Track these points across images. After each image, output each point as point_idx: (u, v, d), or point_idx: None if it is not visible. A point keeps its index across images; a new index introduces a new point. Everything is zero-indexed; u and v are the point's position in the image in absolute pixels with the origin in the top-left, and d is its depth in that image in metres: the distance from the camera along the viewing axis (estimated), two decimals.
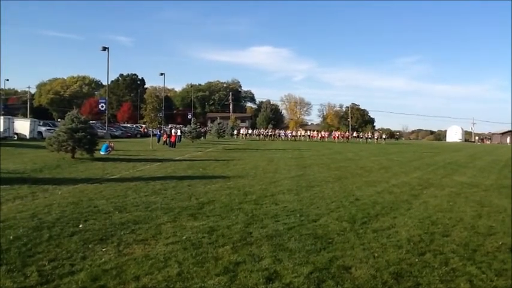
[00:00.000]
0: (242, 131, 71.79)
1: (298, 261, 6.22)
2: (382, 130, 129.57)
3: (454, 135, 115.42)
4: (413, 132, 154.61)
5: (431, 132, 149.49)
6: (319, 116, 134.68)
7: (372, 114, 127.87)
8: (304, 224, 8.62)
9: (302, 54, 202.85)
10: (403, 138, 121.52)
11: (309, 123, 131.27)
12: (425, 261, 6.45)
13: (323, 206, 10.59)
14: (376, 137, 73.51)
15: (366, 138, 74.82)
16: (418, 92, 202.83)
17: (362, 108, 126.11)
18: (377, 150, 41.35)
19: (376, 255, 6.67)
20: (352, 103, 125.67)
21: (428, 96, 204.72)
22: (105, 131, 48.96)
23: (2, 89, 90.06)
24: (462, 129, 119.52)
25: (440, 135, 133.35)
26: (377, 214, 9.81)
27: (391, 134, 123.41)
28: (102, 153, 23.80)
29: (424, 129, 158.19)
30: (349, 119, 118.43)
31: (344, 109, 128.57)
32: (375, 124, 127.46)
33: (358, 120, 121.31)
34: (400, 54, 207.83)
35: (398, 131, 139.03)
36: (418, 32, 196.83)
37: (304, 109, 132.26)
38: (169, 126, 53.23)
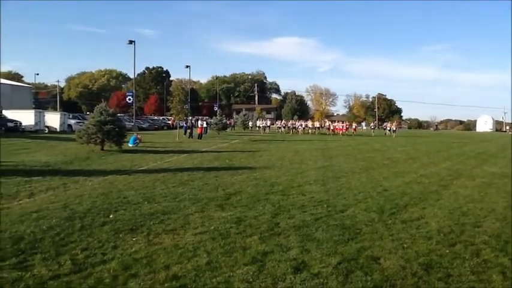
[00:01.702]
0: (259, 122, 59.98)
1: (326, 251, 6.21)
2: (410, 120, 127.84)
3: (484, 125, 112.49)
4: (441, 122, 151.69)
5: (461, 122, 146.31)
6: (345, 107, 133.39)
7: (399, 104, 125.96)
8: (332, 214, 8.59)
9: (328, 44, 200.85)
10: (431, 129, 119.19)
11: (335, 114, 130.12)
12: (455, 253, 6.35)
13: (350, 197, 10.52)
14: (388, 128, 59.64)
15: (372, 128, 65.87)
16: (446, 81, 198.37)
17: (389, 98, 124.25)
18: (404, 141, 40.73)
19: (405, 246, 6.61)
20: (379, 93, 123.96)
21: (457, 85, 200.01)
22: (132, 124, 49.63)
23: (33, 83, 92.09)
24: (493, 118, 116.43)
25: (470, 125, 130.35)
26: (406, 205, 9.70)
27: (419, 124, 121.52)
28: (130, 145, 24.16)
29: (453, 119, 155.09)
30: (376, 109, 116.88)
31: (370, 99, 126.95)
32: (402, 114, 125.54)
33: (384, 110, 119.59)
34: (428, 43, 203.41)
35: (426, 121, 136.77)
36: (447, 19, 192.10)
37: (330, 100, 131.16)
38: (195, 117, 53.50)
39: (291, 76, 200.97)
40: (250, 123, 61.80)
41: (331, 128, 56.40)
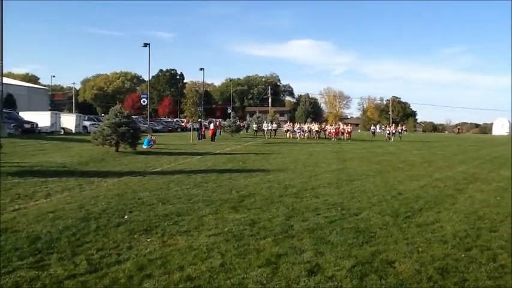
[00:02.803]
0: (265, 125, 50.65)
1: (340, 254, 6.19)
2: (425, 123, 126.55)
3: (500, 128, 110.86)
4: (457, 125, 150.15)
5: (477, 125, 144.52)
6: (359, 110, 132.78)
7: (413, 107, 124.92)
8: (346, 217, 8.55)
9: (342, 47, 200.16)
10: (447, 132, 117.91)
11: (349, 117, 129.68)
12: (471, 257, 6.28)
13: (364, 200, 10.47)
14: (388, 132, 50.99)
15: (373, 132, 57.32)
16: (462, 83, 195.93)
17: (403, 101, 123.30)
18: (420, 144, 40.38)
19: (420, 250, 6.55)
20: (393, 96, 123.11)
21: (473, 88, 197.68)
22: (146, 125, 49.97)
23: (49, 85, 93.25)
24: (509, 121, 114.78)
25: (486, 128, 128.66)
26: (420, 208, 9.62)
27: (434, 127, 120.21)
28: (144, 146, 24.33)
29: (469, 122, 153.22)
30: (390, 112, 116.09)
31: (385, 102, 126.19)
32: (417, 117, 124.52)
33: (399, 113, 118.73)
34: (444, 45, 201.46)
35: (442, 124, 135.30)
36: (463, 21, 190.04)
37: (344, 102, 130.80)
38: (208, 119, 53.79)
39: (304, 79, 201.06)
40: (254, 127, 53.09)
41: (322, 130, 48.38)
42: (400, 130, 51.52)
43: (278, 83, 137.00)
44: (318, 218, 8.45)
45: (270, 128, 49.34)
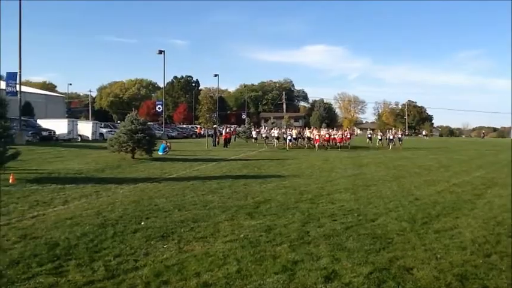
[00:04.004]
0: (263, 131, 45.03)
1: (357, 261, 6.14)
2: (441, 127, 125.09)
3: None
4: (474, 129, 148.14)
5: (494, 130, 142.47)
6: (374, 114, 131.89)
7: (430, 112, 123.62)
8: (362, 223, 8.49)
9: (356, 51, 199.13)
10: (464, 136, 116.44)
11: (364, 122, 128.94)
12: (491, 263, 6.19)
13: (381, 206, 10.38)
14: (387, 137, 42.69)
15: (369, 137, 46.40)
16: (479, 87, 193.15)
17: (419, 105, 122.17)
18: (436, 149, 39.92)
19: (438, 256, 6.47)
20: (409, 100, 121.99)
21: (490, 91, 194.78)
22: (162, 132, 50.28)
23: (66, 93, 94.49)
24: None
25: (504, 133, 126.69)
26: (438, 214, 9.51)
27: (451, 132, 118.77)
28: (160, 153, 24.49)
29: (487, 126, 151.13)
30: (406, 117, 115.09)
31: (400, 106, 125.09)
32: (433, 121, 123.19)
33: (415, 117, 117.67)
34: (459, 49, 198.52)
35: (458, 128, 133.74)
36: (478, 24, 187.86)
37: (359, 107, 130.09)
38: (223, 126, 54.00)
39: (319, 84, 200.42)
40: (253, 134, 45.85)
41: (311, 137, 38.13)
42: (400, 135, 43.38)
43: (292, 89, 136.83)
44: (334, 224, 8.41)
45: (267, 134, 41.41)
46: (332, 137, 38.84)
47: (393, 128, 54.37)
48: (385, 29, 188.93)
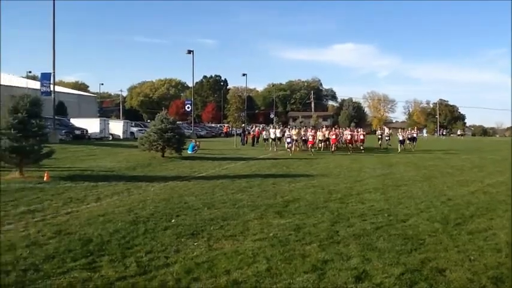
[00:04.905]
0: (264, 133, 35.43)
1: (388, 261, 6.05)
2: (474, 127, 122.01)
3: None
4: (508, 129, 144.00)
5: None
6: (405, 113, 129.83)
7: (462, 111, 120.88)
8: (393, 223, 8.37)
9: (385, 49, 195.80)
10: (498, 136, 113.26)
11: (394, 121, 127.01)
12: None
13: (412, 206, 10.21)
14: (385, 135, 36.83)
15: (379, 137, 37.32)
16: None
17: (451, 104, 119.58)
18: (470, 148, 39.00)
19: (472, 258, 6.31)
20: (440, 99, 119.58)
21: None
22: (191, 131, 50.75)
23: (98, 92, 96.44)
24: None
25: None
26: (471, 215, 9.28)
27: (484, 131, 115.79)
28: (189, 152, 24.73)
29: None
30: (437, 116, 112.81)
31: (431, 105, 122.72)
32: (465, 121, 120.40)
33: (446, 116, 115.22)
34: (492, 45, 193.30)
35: (492, 128, 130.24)
36: (507, 22, 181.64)
37: (389, 106, 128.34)
38: (251, 125, 54.19)
39: (347, 83, 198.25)
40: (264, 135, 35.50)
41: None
42: (415, 134, 37.30)
43: (320, 88, 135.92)
44: (364, 224, 8.32)
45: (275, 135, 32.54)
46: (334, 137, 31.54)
47: (407, 128, 43.77)
48: (414, 26, 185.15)
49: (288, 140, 29.33)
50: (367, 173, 17.12)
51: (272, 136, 32.41)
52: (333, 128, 34.22)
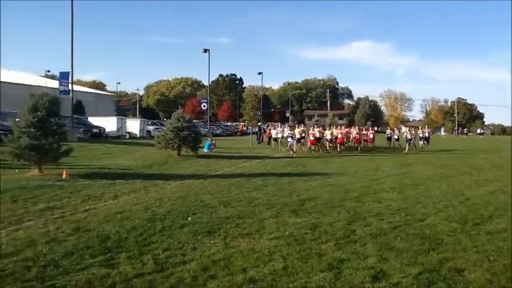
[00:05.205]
0: (274, 132, 32.38)
1: (406, 261, 6.00)
2: (493, 125, 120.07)
3: None
4: None
5: None
6: (422, 112, 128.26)
7: (481, 109, 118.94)
8: (410, 223, 8.30)
9: (403, 48, 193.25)
10: None
11: (411, 120, 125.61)
12: None
13: (430, 205, 10.11)
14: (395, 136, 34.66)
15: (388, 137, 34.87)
16: None
17: (469, 102, 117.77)
18: (488, 147, 38.44)
19: (491, 258, 6.23)
20: (458, 97, 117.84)
21: None
22: (207, 130, 50.91)
23: (115, 91, 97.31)
24: None
25: None
26: (490, 215, 9.15)
27: (503, 130, 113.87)
28: (205, 150, 24.83)
29: None
30: (455, 115, 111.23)
31: (449, 104, 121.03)
32: (484, 119, 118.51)
33: (465, 115, 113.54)
34: (507, 45, 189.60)
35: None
36: None
37: (406, 105, 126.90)
38: (267, 124, 54.10)
39: (363, 81, 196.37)
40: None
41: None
42: (427, 134, 35.31)
43: (336, 86, 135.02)
44: (381, 223, 8.26)
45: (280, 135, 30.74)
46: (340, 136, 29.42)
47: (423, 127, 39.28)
48: (432, 24, 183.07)
49: (289, 139, 27.94)
50: (384, 172, 17.00)
51: (274, 136, 31.63)
52: (340, 127, 32.50)
